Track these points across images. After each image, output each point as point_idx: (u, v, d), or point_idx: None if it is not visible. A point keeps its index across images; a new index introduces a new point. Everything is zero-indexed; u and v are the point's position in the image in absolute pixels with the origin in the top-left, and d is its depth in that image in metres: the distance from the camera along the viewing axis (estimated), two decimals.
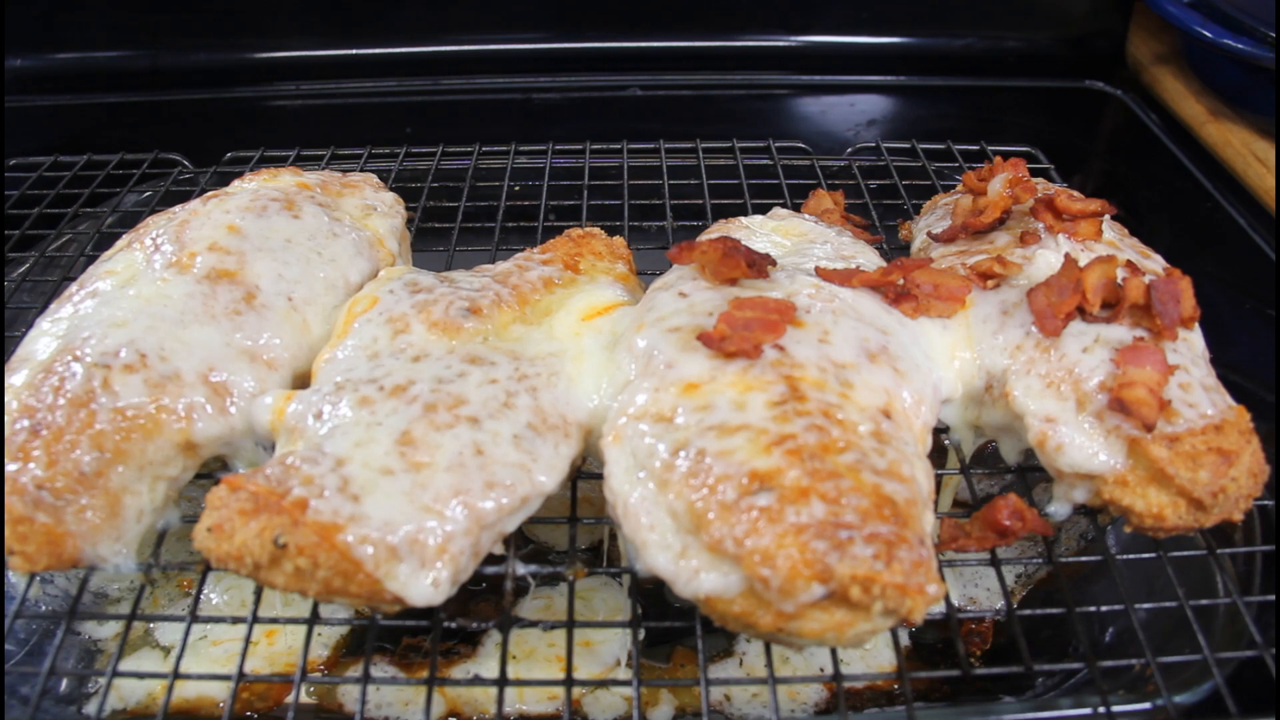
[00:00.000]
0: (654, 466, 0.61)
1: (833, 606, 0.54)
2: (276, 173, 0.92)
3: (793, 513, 0.55)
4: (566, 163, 1.25)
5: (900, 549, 0.54)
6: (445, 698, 0.91)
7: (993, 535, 0.67)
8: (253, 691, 0.92)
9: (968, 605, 0.98)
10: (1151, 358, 0.67)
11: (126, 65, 1.48)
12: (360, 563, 0.56)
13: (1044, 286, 0.73)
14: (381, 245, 0.87)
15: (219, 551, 0.58)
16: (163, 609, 1.00)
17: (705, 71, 1.52)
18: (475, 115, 1.51)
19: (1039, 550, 0.92)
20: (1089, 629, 0.92)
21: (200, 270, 0.75)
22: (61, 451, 0.63)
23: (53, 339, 0.71)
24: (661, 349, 0.68)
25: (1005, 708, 0.79)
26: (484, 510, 0.60)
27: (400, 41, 1.50)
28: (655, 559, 0.59)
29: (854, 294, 0.73)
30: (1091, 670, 0.63)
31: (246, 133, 1.45)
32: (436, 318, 0.72)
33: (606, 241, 0.87)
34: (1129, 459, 0.66)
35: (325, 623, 0.72)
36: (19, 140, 1.34)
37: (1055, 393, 0.68)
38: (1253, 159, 1.28)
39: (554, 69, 1.51)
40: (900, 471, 0.59)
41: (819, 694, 0.92)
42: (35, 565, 0.61)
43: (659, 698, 0.92)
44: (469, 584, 0.61)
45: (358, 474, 0.60)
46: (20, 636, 0.93)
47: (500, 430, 0.64)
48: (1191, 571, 0.79)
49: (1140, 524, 0.66)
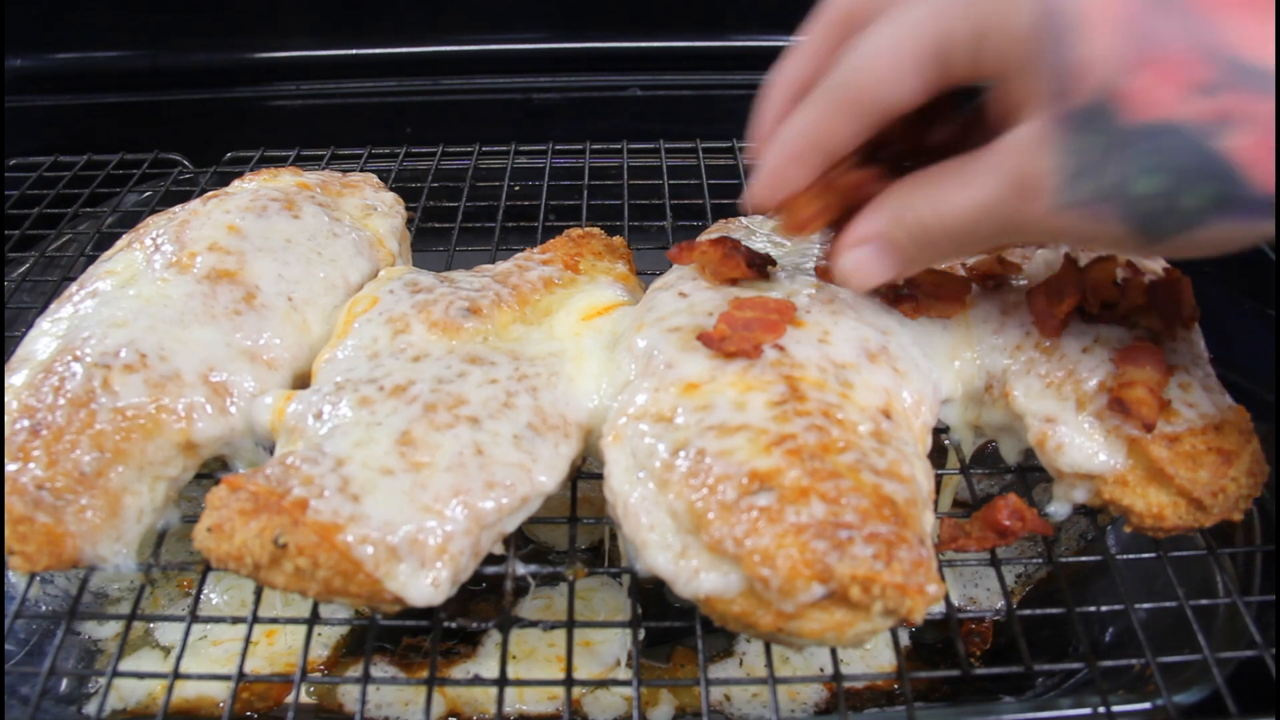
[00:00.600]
0: (654, 466, 0.61)
1: (833, 606, 0.54)
2: (276, 173, 0.92)
3: (793, 513, 0.55)
4: (566, 163, 1.25)
5: (900, 549, 0.54)
6: (445, 698, 0.91)
7: (993, 535, 0.67)
8: (253, 691, 0.92)
9: (968, 605, 0.98)
10: (1151, 358, 0.67)
11: (126, 65, 1.47)
12: (360, 563, 0.56)
13: (1044, 286, 0.73)
14: (381, 245, 0.87)
15: (219, 551, 0.58)
16: (163, 609, 1.00)
17: (705, 71, 1.52)
18: (475, 115, 1.51)
19: (1039, 550, 0.93)
20: (1089, 629, 0.92)
21: (200, 270, 0.75)
22: (61, 451, 0.63)
23: (53, 339, 0.71)
24: (661, 349, 0.68)
25: (1005, 708, 0.79)
26: (484, 510, 0.60)
27: (400, 41, 1.49)
28: (655, 559, 0.59)
29: (854, 294, 0.73)
30: (1091, 670, 0.63)
31: (246, 133, 1.45)
32: (436, 318, 0.72)
33: (606, 241, 0.87)
34: (1129, 459, 0.66)
35: (325, 623, 0.72)
36: (19, 140, 1.34)
37: (1055, 393, 0.69)
38: None
39: (554, 69, 1.51)
40: (900, 471, 0.59)
41: (819, 694, 0.92)
42: (35, 565, 0.61)
43: (659, 698, 0.92)
44: (469, 584, 0.61)
45: (358, 474, 0.60)
46: (20, 636, 0.93)
47: (500, 430, 0.64)
48: (1191, 571, 0.79)
49: (1140, 524, 0.66)
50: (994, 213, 0.55)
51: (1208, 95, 0.48)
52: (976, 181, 0.56)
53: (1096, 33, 0.49)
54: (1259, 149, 0.48)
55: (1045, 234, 0.55)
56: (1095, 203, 0.52)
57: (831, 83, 0.60)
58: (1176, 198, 0.50)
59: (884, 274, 0.64)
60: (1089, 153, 0.51)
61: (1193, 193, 0.50)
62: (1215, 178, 0.49)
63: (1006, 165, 0.54)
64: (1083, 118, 0.50)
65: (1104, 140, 0.50)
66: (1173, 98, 0.48)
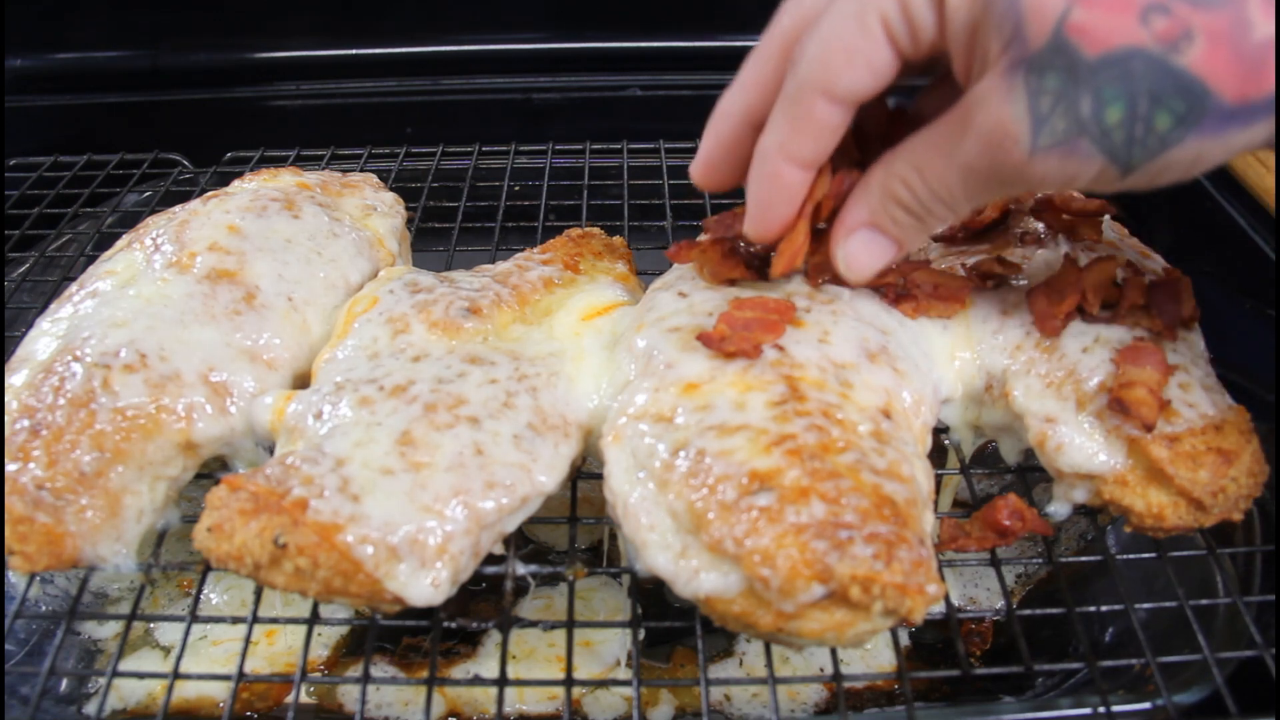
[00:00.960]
0: (654, 466, 0.61)
1: (833, 606, 0.54)
2: (276, 173, 0.92)
3: (793, 513, 0.55)
4: (566, 163, 1.25)
5: (900, 549, 0.54)
6: (445, 698, 0.91)
7: (993, 535, 0.67)
8: (253, 691, 0.92)
9: (968, 605, 0.98)
10: (1151, 358, 0.67)
11: (126, 65, 1.47)
12: (360, 563, 0.56)
13: (1044, 286, 0.73)
14: (381, 245, 0.87)
15: (219, 551, 0.58)
16: (163, 609, 1.00)
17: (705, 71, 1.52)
18: (475, 115, 1.51)
19: (1039, 550, 0.93)
20: (1089, 629, 0.92)
21: (200, 270, 0.75)
22: (61, 451, 0.63)
23: (53, 339, 0.71)
24: (661, 349, 0.68)
25: (1005, 708, 0.79)
26: (484, 510, 0.60)
27: (400, 41, 1.49)
28: (655, 559, 0.59)
29: (854, 294, 0.73)
30: (1091, 670, 0.63)
31: (246, 133, 1.45)
32: (436, 318, 0.72)
33: (606, 241, 0.87)
34: (1129, 459, 0.66)
35: (325, 623, 0.72)
36: (19, 140, 1.34)
37: (1055, 393, 0.68)
38: (1252, 159, 1.28)
39: (554, 69, 1.51)
40: (900, 471, 0.59)
41: (819, 694, 0.92)
42: (35, 565, 0.61)
43: (659, 698, 0.92)
44: (469, 584, 0.61)
45: (358, 474, 0.60)
46: (20, 636, 0.93)
47: (500, 430, 0.64)
48: (1191, 571, 0.79)
49: (1140, 524, 0.66)
50: (975, 169, 0.56)
51: (1162, 14, 0.48)
52: (949, 143, 0.56)
53: None
54: (1221, 58, 0.48)
55: (1026, 181, 0.55)
56: (1068, 140, 0.52)
57: (790, 91, 0.59)
58: (1149, 120, 0.50)
59: (884, 256, 0.64)
60: (1054, 92, 0.51)
61: (1163, 112, 0.50)
62: (1183, 93, 0.49)
63: (976, 121, 0.54)
64: (1043, 59, 0.50)
65: (1068, 77, 0.50)
66: (1129, 23, 0.49)
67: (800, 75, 0.58)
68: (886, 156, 0.61)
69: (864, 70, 0.56)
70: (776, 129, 0.61)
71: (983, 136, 0.54)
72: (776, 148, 0.61)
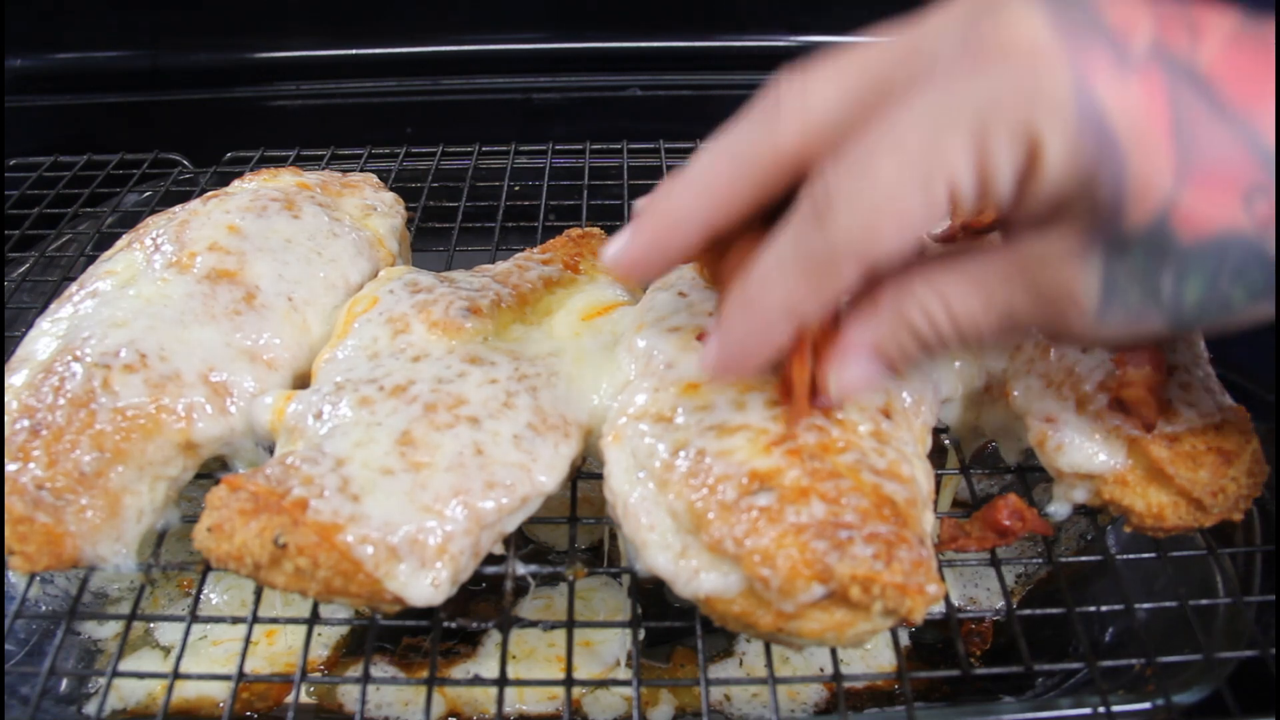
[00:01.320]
0: (654, 466, 0.61)
1: (833, 606, 0.54)
2: (276, 173, 0.92)
3: (793, 513, 0.55)
4: (566, 163, 1.25)
5: (900, 549, 0.54)
6: (445, 698, 0.91)
7: (993, 535, 0.67)
8: (253, 691, 0.92)
9: (968, 605, 0.98)
10: (1151, 358, 0.67)
11: (126, 65, 1.47)
12: (360, 563, 0.56)
13: None
14: (381, 245, 0.87)
15: (219, 551, 0.58)
16: (163, 609, 1.00)
17: (705, 71, 1.52)
18: (475, 115, 1.51)
19: (1039, 550, 0.92)
20: (1089, 629, 0.92)
21: (200, 270, 0.75)
22: (61, 451, 0.63)
23: (53, 339, 0.71)
24: (661, 349, 0.68)
25: (1005, 708, 0.79)
26: (484, 510, 0.60)
27: (400, 41, 1.49)
28: (655, 559, 0.59)
29: None
30: (1091, 670, 0.63)
31: (246, 133, 1.44)
32: (436, 318, 0.72)
33: (607, 241, 0.87)
34: (1129, 459, 0.66)
35: (325, 623, 0.72)
36: (19, 140, 1.34)
37: (1055, 393, 0.68)
38: None
39: (554, 69, 1.51)
40: (900, 471, 0.59)
41: (819, 694, 0.92)
42: (35, 565, 0.61)
43: (659, 698, 0.92)
44: (469, 584, 0.61)
45: (358, 474, 0.60)
46: (20, 636, 0.93)
47: (500, 430, 0.64)
48: (1191, 571, 0.79)
49: (1140, 524, 0.66)
50: (1018, 319, 0.51)
51: (1264, 196, 0.45)
52: (991, 285, 0.51)
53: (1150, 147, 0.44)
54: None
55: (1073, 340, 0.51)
56: (1139, 314, 0.49)
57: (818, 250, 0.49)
58: (1227, 297, 0.48)
59: (875, 380, 0.57)
60: (1136, 271, 0.47)
61: (1241, 287, 0.48)
62: (1264, 268, 0.47)
63: (1033, 276, 0.49)
64: (1135, 239, 0.46)
65: (1155, 259, 0.47)
66: (1233, 208, 0.45)
67: (835, 238, 0.48)
68: (899, 278, 0.53)
69: (912, 237, 0.48)
70: (787, 285, 0.51)
71: (1041, 294, 0.50)
72: (784, 308, 0.51)
